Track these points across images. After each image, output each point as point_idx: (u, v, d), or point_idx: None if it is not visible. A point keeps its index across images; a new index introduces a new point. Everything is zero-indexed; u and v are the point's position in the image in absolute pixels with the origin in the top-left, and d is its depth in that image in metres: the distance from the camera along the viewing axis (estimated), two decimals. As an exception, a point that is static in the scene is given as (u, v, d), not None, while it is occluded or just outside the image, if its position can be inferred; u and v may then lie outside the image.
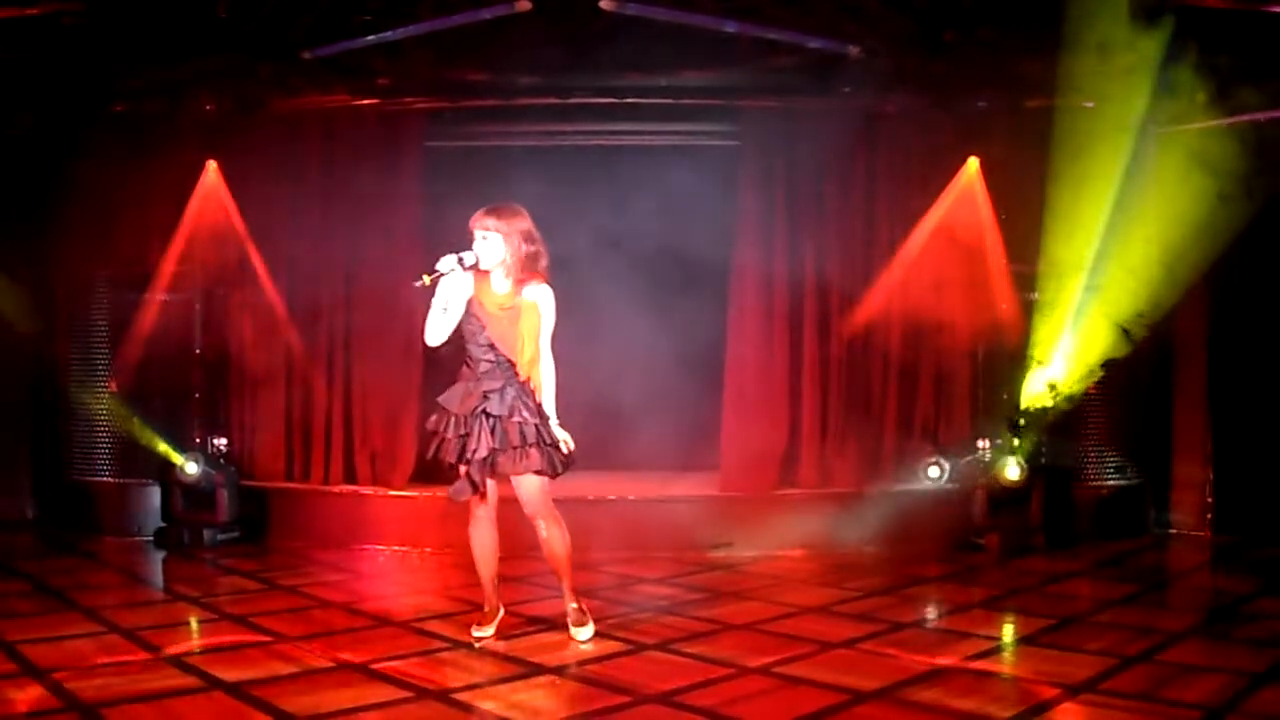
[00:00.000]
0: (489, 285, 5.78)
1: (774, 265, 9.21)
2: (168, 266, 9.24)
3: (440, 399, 5.83)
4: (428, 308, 5.72)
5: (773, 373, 9.24)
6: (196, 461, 8.94)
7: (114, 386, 9.34)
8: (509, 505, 5.89)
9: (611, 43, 8.23)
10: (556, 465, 5.75)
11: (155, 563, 8.59)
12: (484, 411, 5.68)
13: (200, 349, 9.34)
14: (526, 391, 5.73)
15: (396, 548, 8.83)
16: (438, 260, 5.60)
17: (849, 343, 9.33)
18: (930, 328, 9.17)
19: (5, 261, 9.02)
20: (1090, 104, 8.55)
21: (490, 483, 5.80)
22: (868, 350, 9.36)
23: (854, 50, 8.26)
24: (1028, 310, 8.97)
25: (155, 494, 9.25)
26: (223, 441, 9.35)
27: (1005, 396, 8.96)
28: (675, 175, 9.07)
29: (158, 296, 9.26)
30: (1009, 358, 8.99)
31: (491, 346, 5.73)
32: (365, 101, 9.26)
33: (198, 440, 9.20)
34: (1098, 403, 9.23)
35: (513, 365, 5.72)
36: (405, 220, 9.24)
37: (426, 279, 5.56)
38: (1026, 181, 8.68)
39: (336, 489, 9.32)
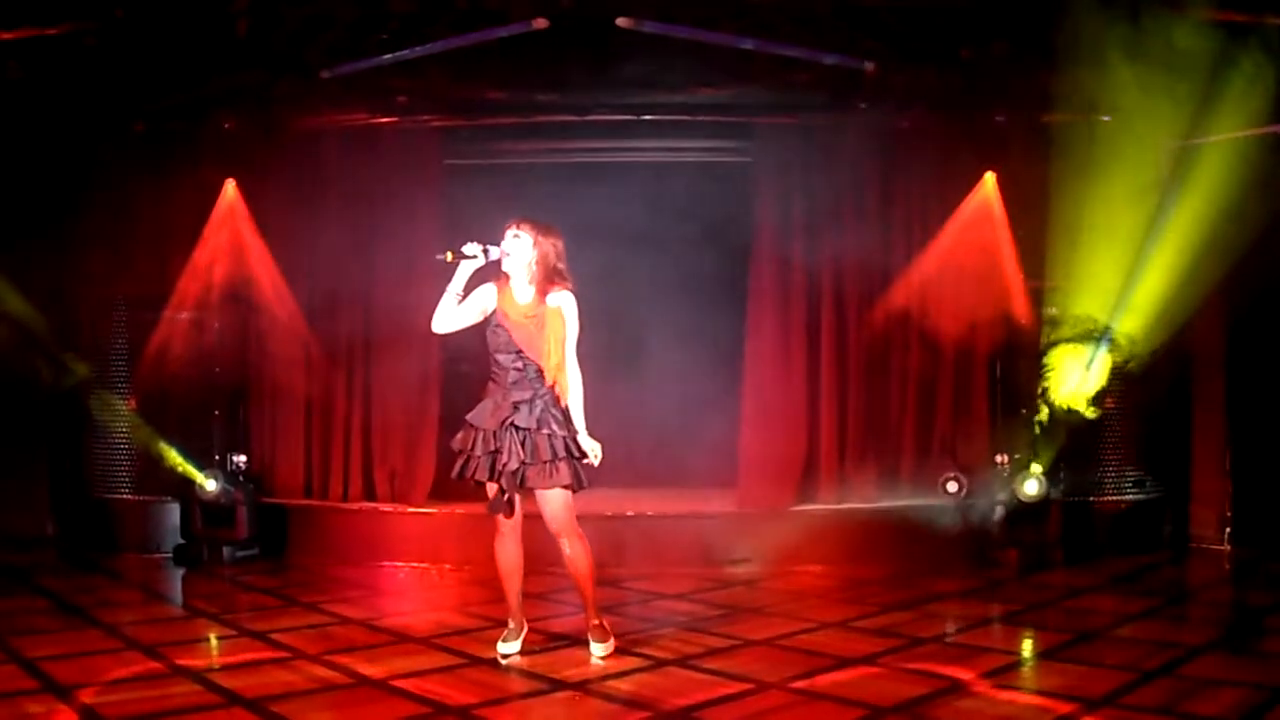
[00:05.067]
0: (511, 295, 5.83)
1: (791, 280, 9.21)
2: (187, 285, 9.27)
3: (469, 416, 5.84)
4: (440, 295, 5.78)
5: (791, 388, 9.22)
6: (216, 479, 8.96)
7: (134, 404, 9.38)
8: (531, 520, 5.89)
9: (629, 60, 8.25)
10: (583, 479, 5.77)
11: (175, 579, 8.63)
12: (513, 424, 5.71)
13: (219, 367, 9.37)
14: (555, 402, 5.76)
15: (415, 564, 8.84)
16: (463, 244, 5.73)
17: (867, 358, 9.31)
18: (948, 343, 9.17)
19: (26, 279, 9.03)
20: (1108, 118, 8.55)
21: (516, 498, 5.81)
22: (886, 365, 9.35)
23: (870, 66, 8.27)
24: (1045, 325, 8.93)
25: (175, 511, 9.28)
26: (242, 459, 9.34)
27: (1024, 411, 8.94)
28: (692, 191, 9.09)
29: (177, 314, 9.29)
30: (1027, 372, 8.97)
31: (519, 353, 5.75)
32: (384, 120, 9.31)
33: (217, 457, 9.20)
34: (1116, 417, 9.18)
35: (540, 372, 5.76)
36: (424, 237, 9.25)
37: (449, 255, 5.68)
38: (1044, 196, 8.65)
39: (355, 506, 9.34)
